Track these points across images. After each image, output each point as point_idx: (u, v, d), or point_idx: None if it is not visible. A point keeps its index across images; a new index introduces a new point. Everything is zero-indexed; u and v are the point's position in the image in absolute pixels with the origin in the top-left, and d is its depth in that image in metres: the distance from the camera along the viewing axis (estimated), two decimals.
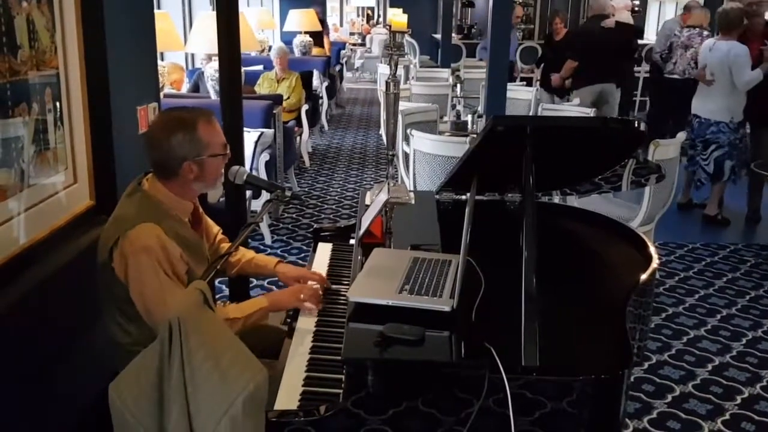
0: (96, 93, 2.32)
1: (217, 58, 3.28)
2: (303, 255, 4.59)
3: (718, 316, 3.90)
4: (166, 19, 5.09)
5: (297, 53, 8.96)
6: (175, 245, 1.82)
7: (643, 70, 9.67)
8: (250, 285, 3.56)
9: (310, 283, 2.09)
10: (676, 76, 6.48)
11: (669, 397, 3.06)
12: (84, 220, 2.27)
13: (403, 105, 5.14)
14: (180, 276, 1.83)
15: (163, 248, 1.78)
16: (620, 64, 6.70)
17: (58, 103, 2.14)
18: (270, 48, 8.89)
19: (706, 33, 6.29)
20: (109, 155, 2.40)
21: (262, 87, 6.65)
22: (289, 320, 2.00)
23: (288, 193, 2.07)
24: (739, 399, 3.06)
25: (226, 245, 2.22)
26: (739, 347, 3.54)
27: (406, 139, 4.51)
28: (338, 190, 6.38)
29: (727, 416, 2.93)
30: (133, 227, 1.78)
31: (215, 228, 2.23)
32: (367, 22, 19.39)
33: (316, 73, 8.11)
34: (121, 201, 1.91)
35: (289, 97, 6.52)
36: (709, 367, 3.34)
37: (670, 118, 6.60)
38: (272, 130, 5.06)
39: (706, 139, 5.44)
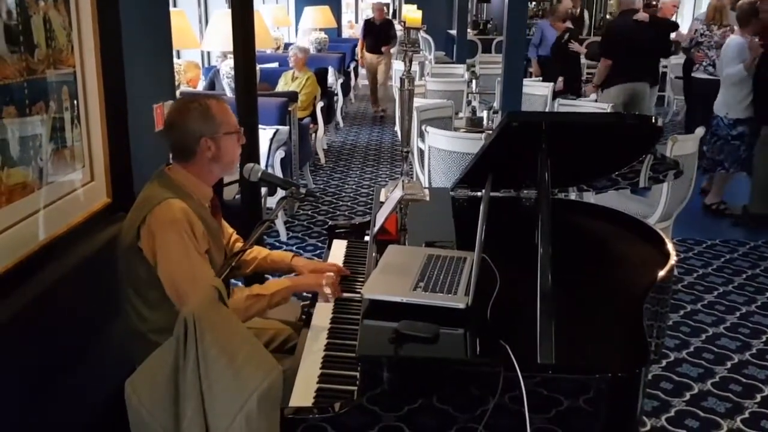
0: (112, 91, 2.34)
1: (232, 55, 3.29)
2: (318, 252, 4.60)
3: (738, 314, 3.86)
4: (182, 17, 5.13)
5: (312, 50, 8.96)
6: (199, 222, 1.86)
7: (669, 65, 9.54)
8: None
9: (328, 273, 2.10)
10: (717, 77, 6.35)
11: (687, 395, 3.03)
12: (101, 218, 2.29)
13: (418, 101, 5.13)
14: (202, 253, 1.86)
15: (189, 221, 1.82)
16: (655, 62, 6.43)
17: (75, 102, 2.15)
18: (286, 46, 8.92)
19: (736, 28, 6.19)
20: (125, 153, 2.42)
21: (280, 85, 6.67)
22: (304, 317, 2.00)
23: (302, 190, 2.10)
24: (758, 397, 3.03)
25: (240, 244, 2.23)
26: (759, 345, 3.50)
27: (422, 135, 4.50)
28: (353, 186, 6.38)
29: (746, 414, 2.90)
30: (159, 203, 1.82)
31: (230, 229, 2.25)
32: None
33: (331, 70, 8.12)
34: (146, 185, 1.95)
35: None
36: (728, 364, 3.30)
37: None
38: (287, 127, 5.06)
39: (711, 131, 5.51)
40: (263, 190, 4.23)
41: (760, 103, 5.27)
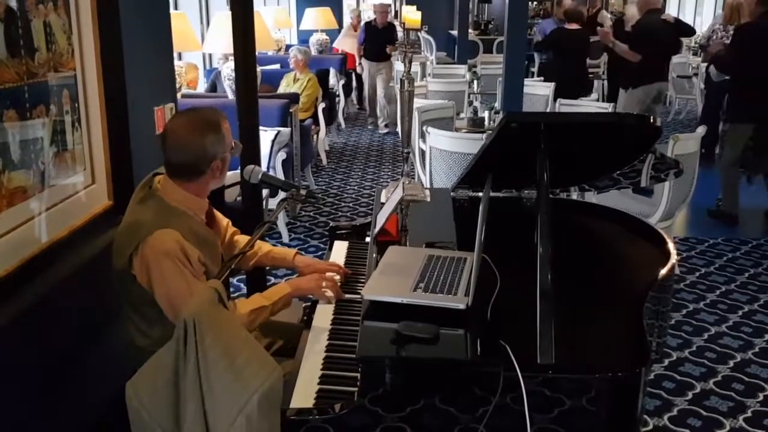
0: (113, 94, 2.34)
1: (233, 57, 3.29)
2: (320, 253, 4.60)
3: (740, 312, 3.85)
4: (183, 20, 5.13)
5: (314, 51, 8.96)
6: (193, 248, 1.83)
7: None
8: (268, 283, 3.58)
9: (329, 274, 2.10)
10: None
11: (689, 395, 3.02)
12: (102, 220, 2.29)
13: (419, 102, 5.13)
14: (200, 278, 1.84)
15: (183, 250, 1.80)
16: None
17: (75, 105, 2.16)
18: (287, 47, 8.92)
19: None
20: (126, 156, 2.42)
21: (282, 86, 6.68)
22: (305, 319, 2.01)
23: (303, 192, 2.09)
24: (761, 396, 3.02)
25: (238, 237, 2.24)
26: (761, 343, 3.49)
27: (423, 136, 4.50)
28: (355, 188, 6.39)
29: (748, 413, 2.89)
30: (152, 233, 1.78)
31: (224, 221, 2.23)
32: None
33: (332, 72, 8.12)
34: (134, 206, 1.90)
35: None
36: (731, 363, 3.30)
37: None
38: (289, 129, 5.07)
39: None
40: (264, 191, 4.23)
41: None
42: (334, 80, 8.20)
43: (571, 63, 6.96)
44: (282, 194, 4.64)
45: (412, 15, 2.32)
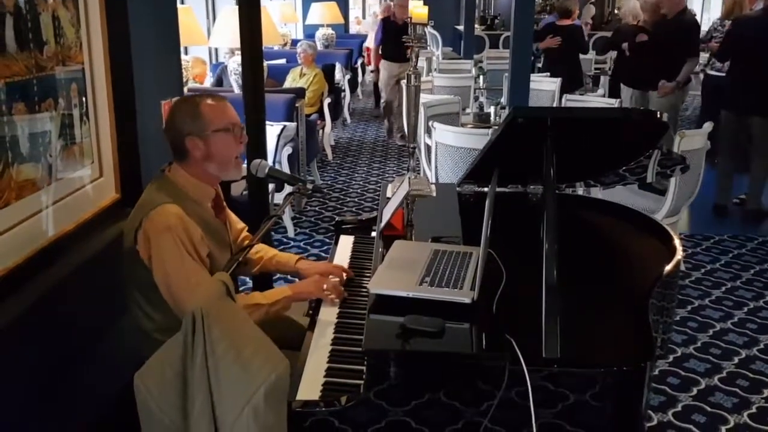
0: (120, 87, 2.35)
1: (239, 52, 3.30)
2: (326, 247, 4.61)
3: (745, 309, 3.85)
4: (190, 14, 5.14)
5: (320, 46, 8.97)
6: (196, 226, 1.85)
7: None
8: (273, 279, 3.59)
9: (331, 278, 2.11)
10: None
11: (694, 390, 3.02)
12: (110, 214, 2.31)
13: (425, 97, 5.13)
14: (201, 258, 1.85)
15: (185, 228, 1.81)
16: None
17: (83, 98, 2.17)
18: (293, 42, 8.92)
19: None
20: (133, 149, 2.44)
21: (288, 81, 6.68)
22: (311, 312, 2.02)
23: (309, 186, 2.09)
24: (765, 392, 3.02)
25: (248, 241, 2.24)
26: (766, 340, 3.49)
27: (429, 131, 4.51)
28: (360, 182, 6.39)
29: (753, 409, 2.89)
30: (155, 209, 1.82)
31: (240, 224, 2.25)
32: None
33: (338, 67, 8.12)
34: (146, 188, 1.96)
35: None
36: (736, 360, 3.29)
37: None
38: (295, 124, 5.08)
39: None
40: (270, 186, 4.24)
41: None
42: (339, 75, 8.20)
43: (561, 58, 6.94)
44: (288, 188, 4.67)
45: (419, 10, 2.32)
